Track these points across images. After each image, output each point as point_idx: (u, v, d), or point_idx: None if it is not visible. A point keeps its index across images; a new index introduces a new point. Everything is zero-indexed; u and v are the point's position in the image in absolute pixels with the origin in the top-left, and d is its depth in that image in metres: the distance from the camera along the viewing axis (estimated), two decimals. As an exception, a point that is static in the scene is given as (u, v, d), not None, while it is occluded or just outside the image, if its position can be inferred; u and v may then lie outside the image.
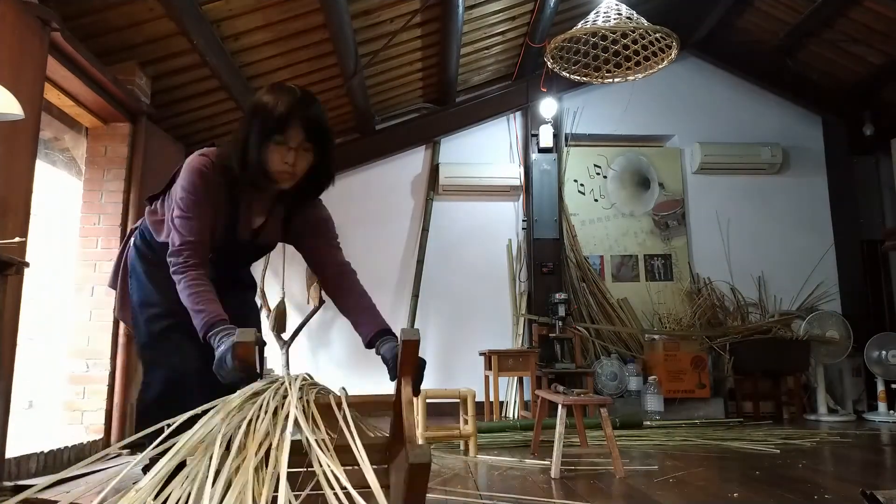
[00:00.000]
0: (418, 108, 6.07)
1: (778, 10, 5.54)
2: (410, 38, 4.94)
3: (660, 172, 6.21)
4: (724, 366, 5.44)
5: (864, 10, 5.05)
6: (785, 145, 6.24)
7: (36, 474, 2.74)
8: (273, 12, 3.94)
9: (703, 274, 6.05)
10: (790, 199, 6.25)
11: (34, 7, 2.75)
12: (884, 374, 5.21)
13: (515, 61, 5.95)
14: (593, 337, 5.69)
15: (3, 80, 2.45)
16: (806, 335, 5.39)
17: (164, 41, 3.73)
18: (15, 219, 2.61)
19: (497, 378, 4.89)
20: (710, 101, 6.32)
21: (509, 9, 5.10)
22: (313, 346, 5.67)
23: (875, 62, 5.63)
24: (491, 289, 5.91)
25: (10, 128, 2.54)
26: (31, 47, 2.73)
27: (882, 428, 4.71)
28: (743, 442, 3.82)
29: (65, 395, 3.50)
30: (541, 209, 5.86)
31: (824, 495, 2.39)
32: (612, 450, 2.84)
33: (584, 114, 6.20)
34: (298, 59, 4.54)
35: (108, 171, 3.74)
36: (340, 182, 7.08)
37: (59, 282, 3.66)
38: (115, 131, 3.77)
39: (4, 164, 2.56)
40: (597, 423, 3.42)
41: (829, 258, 6.14)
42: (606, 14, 3.75)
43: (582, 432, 3.22)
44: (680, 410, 5.09)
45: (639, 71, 4.11)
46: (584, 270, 5.93)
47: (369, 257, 5.81)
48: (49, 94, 3.28)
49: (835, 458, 3.37)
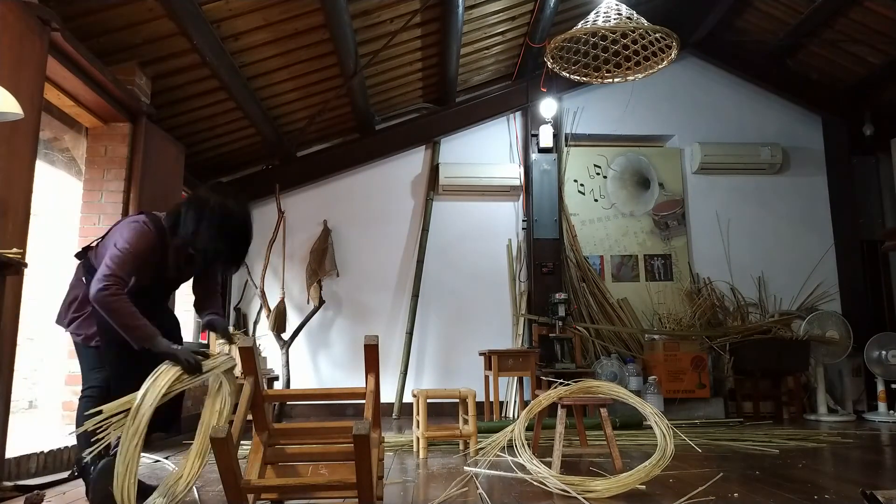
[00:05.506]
0: (418, 108, 6.07)
1: (777, 10, 5.54)
2: (410, 38, 4.94)
3: (660, 172, 6.21)
4: (724, 366, 5.44)
5: (864, 10, 5.05)
6: (785, 145, 6.24)
7: (36, 474, 2.74)
8: (273, 12, 3.94)
9: (703, 274, 6.05)
10: (790, 199, 6.26)
11: (34, 7, 2.75)
12: (884, 374, 5.21)
13: (515, 61, 5.95)
14: (593, 337, 5.69)
15: (3, 80, 2.45)
16: (806, 335, 5.39)
17: (164, 41, 3.73)
18: (15, 219, 2.61)
19: (497, 378, 4.89)
20: (710, 101, 6.32)
21: (509, 9, 5.10)
22: (313, 346, 5.67)
23: (875, 62, 5.63)
24: (491, 289, 5.91)
25: (10, 128, 2.54)
26: (31, 47, 2.73)
27: (882, 428, 4.71)
28: (743, 442, 3.82)
29: (65, 395, 3.50)
30: (541, 209, 5.86)
31: (824, 495, 2.39)
32: (612, 450, 2.84)
33: (584, 114, 6.20)
34: (298, 59, 4.54)
35: (108, 171, 3.74)
36: (341, 182, 7.08)
37: (60, 282, 3.66)
38: (115, 131, 3.77)
39: (4, 164, 2.56)
40: (597, 423, 3.42)
41: (829, 258, 6.14)
42: (606, 14, 3.75)
43: (582, 432, 3.22)
44: (680, 410, 5.09)
45: (639, 71, 4.11)
46: (584, 270, 5.93)
47: (369, 257, 5.82)
48: (49, 94, 3.28)
49: (835, 458, 3.37)
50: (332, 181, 5.94)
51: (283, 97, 4.97)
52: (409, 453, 3.54)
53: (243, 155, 5.57)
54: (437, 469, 3.06)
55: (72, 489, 2.59)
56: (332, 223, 5.82)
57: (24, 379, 3.41)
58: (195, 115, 4.64)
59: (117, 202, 3.69)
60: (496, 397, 4.86)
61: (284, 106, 5.12)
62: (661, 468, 2.50)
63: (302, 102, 5.16)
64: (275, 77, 4.67)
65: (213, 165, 5.50)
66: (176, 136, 4.45)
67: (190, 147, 4.75)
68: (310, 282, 5.59)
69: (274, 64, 4.49)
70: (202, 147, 5.11)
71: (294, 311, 5.62)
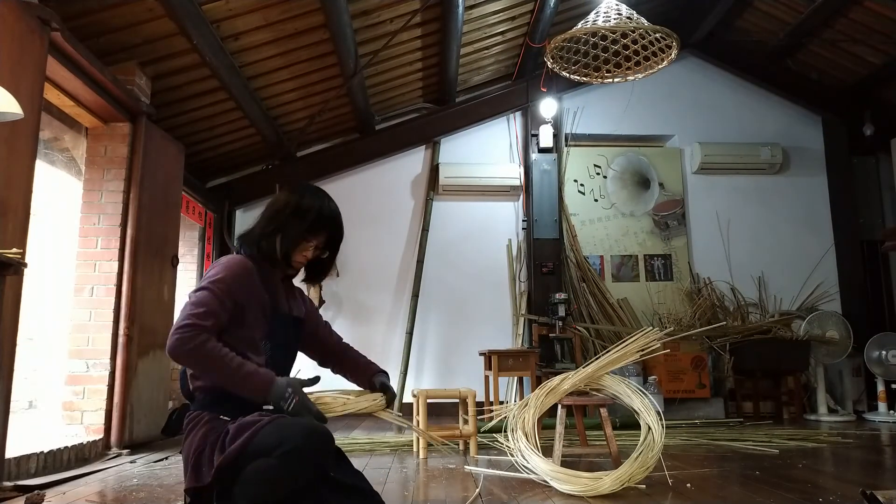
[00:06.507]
0: (418, 108, 6.07)
1: (778, 10, 5.54)
2: (410, 38, 4.94)
3: (660, 172, 6.20)
4: (724, 366, 5.44)
5: (864, 10, 5.05)
6: (785, 145, 6.24)
7: (36, 474, 2.74)
8: (273, 12, 3.94)
9: (703, 274, 6.04)
10: (790, 199, 6.25)
11: (34, 7, 2.75)
12: (884, 374, 5.21)
13: (515, 61, 5.94)
14: (593, 337, 5.68)
15: (3, 80, 2.45)
16: (806, 335, 5.39)
17: (164, 41, 3.73)
18: (15, 219, 2.61)
19: (497, 378, 4.88)
20: (710, 101, 6.32)
21: (509, 9, 5.10)
22: (313, 346, 5.66)
23: (875, 62, 5.63)
24: (491, 289, 5.91)
25: (10, 128, 2.54)
26: (31, 47, 2.73)
27: (882, 428, 4.70)
28: (743, 442, 3.82)
29: (64, 395, 3.50)
30: (541, 209, 5.86)
31: (824, 496, 2.39)
32: (612, 450, 2.84)
33: (584, 114, 6.20)
34: (298, 59, 4.54)
35: (107, 171, 3.73)
36: (341, 182, 7.09)
37: (59, 282, 3.66)
38: (114, 131, 3.77)
39: (4, 164, 2.56)
40: (597, 423, 3.42)
41: (829, 258, 6.14)
42: (606, 14, 3.75)
43: (582, 432, 3.22)
44: (680, 410, 5.09)
45: (639, 71, 4.11)
46: (584, 270, 5.92)
47: (369, 257, 5.81)
48: (49, 94, 3.28)
49: (835, 459, 3.37)
50: (332, 181, 5.94)
51: (283, 97, 4.97)
52: (409, 453, 3.54)
53: (243, 155, 5.57)
54: (438, 469, 3.06)
55: (72, 489, 2.59)
56: (332, 223, 5.82)
57: (24, 379, 3.41)
58: (195, 114, 4.64)
59: (117, 202, 3.69)
60: (496, 397, 4.85)
61: (284, 106, 5.12)
62: (654, 456, 2.50)
63: (302, 102, 5.16)
64: (275, 77, 4.67)
65: (213, 165, 5.50)
66: (176, 136, 4.45)
67: (190, 147, 4.74)
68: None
69: (274, 64, 4.49)
70: (202, 147, 5.11)
71: (294, 311, 5.62)
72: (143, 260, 3.77)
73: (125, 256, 3.66)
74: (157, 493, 2.50)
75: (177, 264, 4.26)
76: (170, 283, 4.17)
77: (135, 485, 2.68)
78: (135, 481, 2.76)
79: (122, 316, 3.60)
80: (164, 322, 4.05)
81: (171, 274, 4.18)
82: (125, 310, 3.61)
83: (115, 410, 3.52)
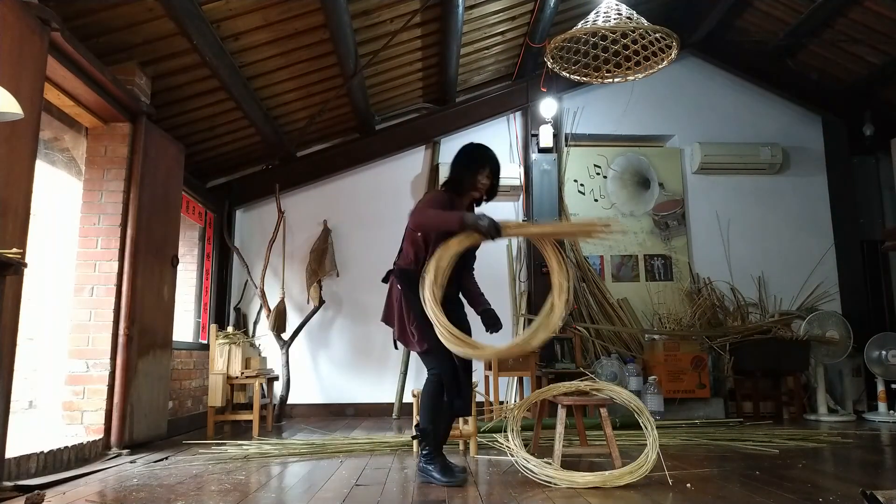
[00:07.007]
0: (418, 108, 6.07)
1: (778, 10, 5.54)
2: (410, 38, 4.94)
3: (660, 172, 6.21)
4: (724, 366, 5.44)
5: (864, 10, 5.05)
6: (785, 145, 6.24)
7: (36, 474, 2.74)
8: (273, 12, 3.94)
9: (703, 274, 6.05)
10: (790, 199, 6.26)
11: (34, 7, 2.75)
12: (884, 374, 5.21)
13: (515, 61, 5.95)
14: (593, 337, 5.69)
15: (3, 80, 2.45)
16: (806, 335, 5.39)
17: (164, 41, 3.73)
18: (15, 219, 2.61)
19: (497, 378, 4.88)
20: (710, 101, 6.32)
21: (509, 9, 5.10)
22: (313, 346, 5.67)
23: (875, 62, 5.63)
24: (491, 289, 5.78)
25: (10, 128, 2.54)
26: (31, 47, 2.73)
27: (882, 428, 4.70)
28: (743, 442, 3.82)
29: (65, 395, 3.50)
30: (541, 209, 5.86)
31: (824, 495, 2.39)
32: (612, 450, 2.84)
33: (584, 114, 6.20)
34: (298, 59, 4.54)
35: (107, 171, 3.73)
36: (341, 182, 7.07)
37: (59, 282, 3.66)
38: (114, 131, 3.77)
39: (4, 164, 2.56)
40: (597, 423, 3.42)
41: (829, 258, 6.14)
42: (606, 14, 3.75)
43: (582, 432, 3.22)
44: (680, 410, 5.09)
45: (639, 71, 4.11)
46: (584, 270, 5.93)
47: (369, 257, 5.81)
48: (49, 94, 3.28)
49: (835, 459, 3.37)
50: (332, 181, 5.94)
51: (283, 97, 4.97)
52: (409, 453, 3.54)
53: (243, 155, 5.57)
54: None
55: (72, 489, 2.59)
56: (332, 223, 5.82)
57: (24, 379, 3.41)
58: (195, 114, 4.64)
59: (117, 202, 3.69)
60: (496, 397, 4.85)
61: (284, 106, 5.12)
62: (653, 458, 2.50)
63: (302, 102, 5.16)
64: (275, 77, 4.67)
65: (213, 165, 5.50)
66: (176, 136, 4.45)
67: (190, 147, 4.74)
68: (310, 282, 5.59)
69: (274, 64, 4.49)
70: (202, 147, 5.11)
71: (294, 311, 5.62)
72: (143, 260, 3.77)
73: (125, 256, 3.66)
74: (157, 493, 2.50)
75: (177, 264, 4.25)
76: (170, 283, 4.17)
77: (135, 485, 2.68)
78: (135, 481, 2.76)
79: (122, 316, 3.60)
80: (164, 322, 4.05)
81: (171, 274, 4.18)
82: (125, 310, 3.61)
83: (115, 410, 3.52)
